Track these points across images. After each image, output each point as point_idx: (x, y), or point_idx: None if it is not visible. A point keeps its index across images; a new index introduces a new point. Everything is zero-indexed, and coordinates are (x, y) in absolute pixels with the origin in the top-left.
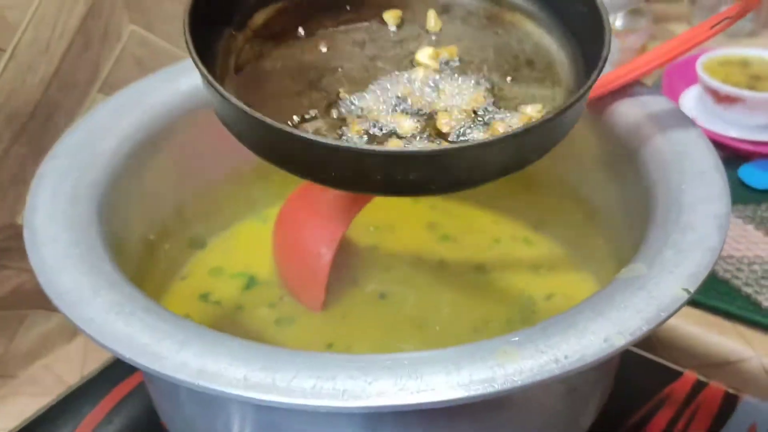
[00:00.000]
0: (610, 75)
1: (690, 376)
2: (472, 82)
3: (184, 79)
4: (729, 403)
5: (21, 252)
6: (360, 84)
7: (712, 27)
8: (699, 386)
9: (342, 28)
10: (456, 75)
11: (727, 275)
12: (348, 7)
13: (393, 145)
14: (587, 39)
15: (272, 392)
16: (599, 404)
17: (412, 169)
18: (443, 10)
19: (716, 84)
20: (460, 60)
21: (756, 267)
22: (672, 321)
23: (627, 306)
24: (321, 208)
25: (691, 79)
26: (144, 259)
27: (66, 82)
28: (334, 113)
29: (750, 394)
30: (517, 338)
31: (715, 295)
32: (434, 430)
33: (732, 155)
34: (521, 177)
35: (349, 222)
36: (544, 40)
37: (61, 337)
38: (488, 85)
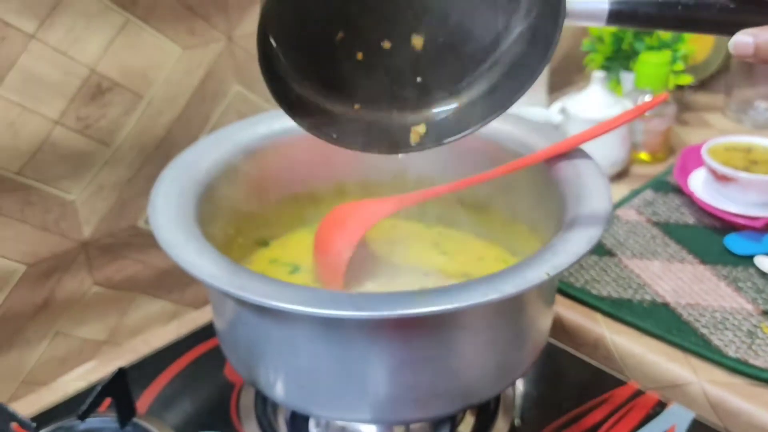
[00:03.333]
0: (561, 144)
1: (632, 385)
2: None
3: (262, 126)
4: (658, 407)
5: (138, 247)
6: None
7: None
8: (637, 394)
9: None
10: None
11: (690, 318)
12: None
13: None
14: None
15: (279, 300)
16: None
17: None
18: None
19: (715, 164)
20: None
21: (717, 314)
22: (637, 349)
23: (505, 280)
24: (345, 224)
25: (702, 161)
26: (223, 247)
27: (184, 125)
28: None
29: (678, 403)
30: (433, 293)
31: (677, 332)
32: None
33: (726, 225)
34: (503, 215)
35: (362, 234)
36: None
37: (160, 319)
38: None
